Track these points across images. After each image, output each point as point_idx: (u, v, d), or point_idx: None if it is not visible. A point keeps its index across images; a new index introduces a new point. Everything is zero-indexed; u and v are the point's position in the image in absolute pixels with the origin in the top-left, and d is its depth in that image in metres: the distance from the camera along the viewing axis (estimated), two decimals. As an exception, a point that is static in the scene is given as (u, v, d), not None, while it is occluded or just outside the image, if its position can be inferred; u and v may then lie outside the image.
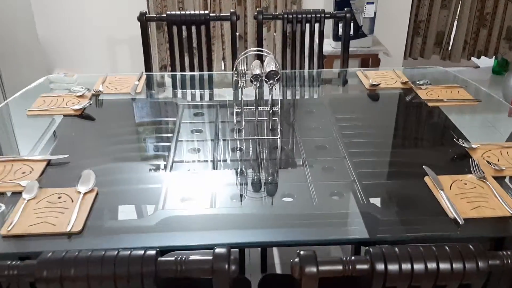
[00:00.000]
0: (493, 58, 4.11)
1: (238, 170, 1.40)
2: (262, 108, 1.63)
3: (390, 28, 3.67)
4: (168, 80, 2.15)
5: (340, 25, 3.37)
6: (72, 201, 1.20)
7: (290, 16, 2.20)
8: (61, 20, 3.53)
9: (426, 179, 1.31)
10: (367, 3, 3.33)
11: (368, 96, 1.92)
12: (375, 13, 3.38)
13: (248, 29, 3.57)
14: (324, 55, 3.32)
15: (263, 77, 1.47)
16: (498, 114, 1.83)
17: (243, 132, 1.59)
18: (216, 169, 1.40)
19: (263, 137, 1.55)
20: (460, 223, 1.14)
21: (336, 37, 3.43)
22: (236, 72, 1.48)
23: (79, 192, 1.23)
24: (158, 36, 3.40)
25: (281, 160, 1.47)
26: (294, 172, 1.41)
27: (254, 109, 1.57)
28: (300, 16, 2.20)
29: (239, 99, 1.48)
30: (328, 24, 3.31)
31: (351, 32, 3.22)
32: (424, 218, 1.19)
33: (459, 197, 1.22)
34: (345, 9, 2.21)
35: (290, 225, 1.19)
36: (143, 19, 2.16)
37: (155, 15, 2.14)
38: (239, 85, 1.51)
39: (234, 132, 1.59)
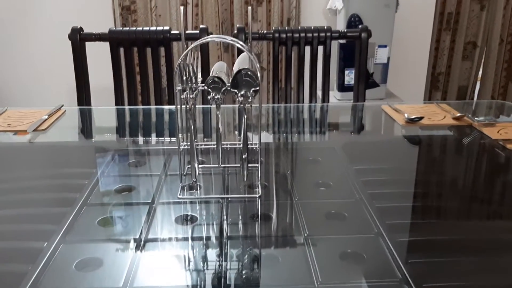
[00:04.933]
0: (526, 116, 3.50)
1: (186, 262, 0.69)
2: (229, 146, 0.94)
3: (405, 78, 3.08)
4: (107, 117, 1.46)
5: (347, 72, 2.78)
6: None
7: (284, 35, 1.58)
8: None
9: None
10: (379, 46, 2.75)
11: (405, 138, 1.23)
12: (388, 58, 2.79)
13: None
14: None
15: (227, 87, 0.80)
16: None
17: (199, 187, 0.90)
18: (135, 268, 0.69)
19: (225, 196, 0.85)
20: None
21: (341, 87, 2.82)
22: (179, 80, 0.81)
23: None
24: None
25: (261, 245, 0.77)
26: (286, 270, 0.70)
27: (216, 147, 0.88)
28: (298, 35, 1.58)
29: (188, 129, 0.80)
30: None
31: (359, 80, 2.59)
32: None
33: None
34: (360, 26, 1.59)
35: None
36: (76, 38, 1.53)
37: (93, 33, 1.50)
38: (186, 105, 0.83)
39: (189, 188, 0.90)
